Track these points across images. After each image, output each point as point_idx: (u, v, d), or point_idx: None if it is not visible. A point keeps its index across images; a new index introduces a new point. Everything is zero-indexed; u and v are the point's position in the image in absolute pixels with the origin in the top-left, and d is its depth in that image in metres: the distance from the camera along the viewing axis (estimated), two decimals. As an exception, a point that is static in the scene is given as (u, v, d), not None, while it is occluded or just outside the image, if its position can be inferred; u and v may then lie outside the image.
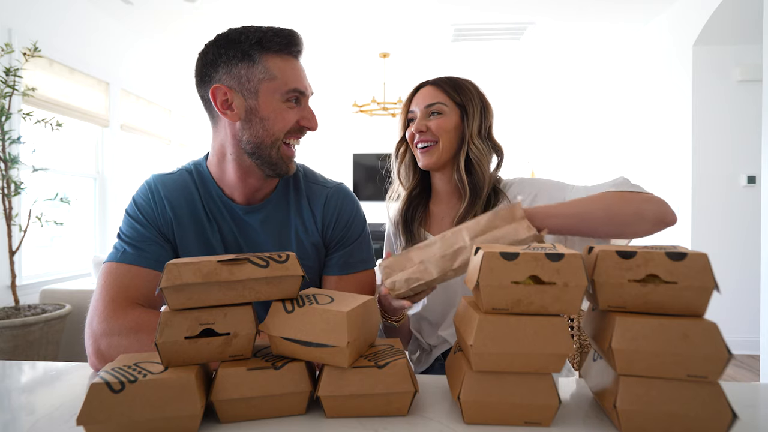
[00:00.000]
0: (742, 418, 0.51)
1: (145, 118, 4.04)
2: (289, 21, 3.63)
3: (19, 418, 0.56)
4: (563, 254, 0.50)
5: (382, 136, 6.43)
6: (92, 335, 0.72)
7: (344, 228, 0.89)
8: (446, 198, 1.05)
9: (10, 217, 2.38)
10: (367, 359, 0.56)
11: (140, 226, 0.81)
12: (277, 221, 0.87)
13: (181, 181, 0.85)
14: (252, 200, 0.86)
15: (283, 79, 0.78)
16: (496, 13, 3.53)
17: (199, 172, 0.87)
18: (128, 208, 0.85)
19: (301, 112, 0.81)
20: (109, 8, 3.41)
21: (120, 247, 0.80)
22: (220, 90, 0.77)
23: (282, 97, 0.78)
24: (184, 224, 0.83)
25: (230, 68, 0.77)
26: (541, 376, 0.52)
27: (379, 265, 0.80)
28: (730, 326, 2.98)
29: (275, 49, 0.78)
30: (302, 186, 0.90)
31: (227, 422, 0.53)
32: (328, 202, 0.89)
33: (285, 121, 0.79)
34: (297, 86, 0.79)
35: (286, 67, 0.79)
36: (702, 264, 0.49)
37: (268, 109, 0.78)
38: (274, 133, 0.79)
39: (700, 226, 3.12)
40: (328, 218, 0.88)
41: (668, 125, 3.40)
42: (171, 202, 0.83)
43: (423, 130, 1.00)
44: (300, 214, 0.88)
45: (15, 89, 2.37)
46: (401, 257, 0.76)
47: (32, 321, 2.21)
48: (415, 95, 1.05)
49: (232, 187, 0.84)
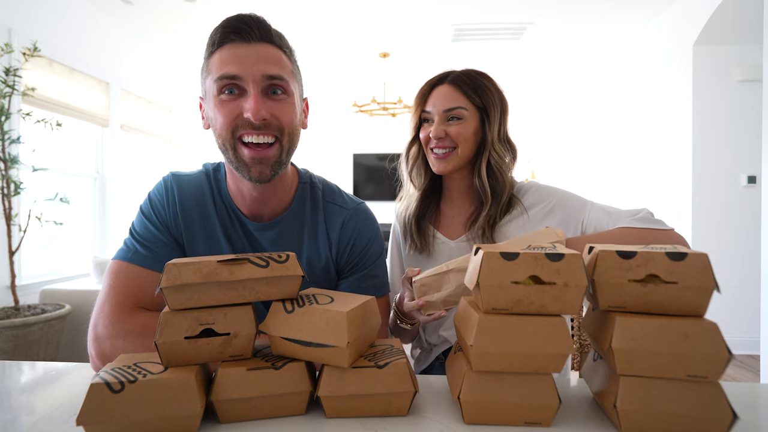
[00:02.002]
0: (742, 418, 0.51)
1: (145, 118, 4.03)
2: (289, 21, 3.63)
3: (19, 418, 0.56)
4: (563, 254, 0.50)
5: (382, 136, 6.43)
6: (96, 338, 0.70)
7: (360, 254, 0.84)
8: (458, 198, 1.03)
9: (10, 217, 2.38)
10: (367, 359, 0.56)
11: (152, 226, 0.78)
12: (289, 243, 0.81)
13: (197, 185, 0.81)
14: (260, 216, 0.81)
15: (214, 71, 0.70)
16: (496, 13, 3.53)
17: (217, 178, 0.82)
18: (143, 204, 0.81)
19: (241, 102, 0.69)
20: (109, 8, 3.41)
21: (131, 246, 0.77)
22: (200, 102, 0.77)
23: (215, 90, 0.70)
24: (193, 231, 0.79)
25: (202, 79, 0.75)
26: (541, 376, 0.52)
27: (413, 281, 0.79)
28: (730, 326, 2.97)
29: (222, 44, 0.70)
30: (320, 205, 0.84)
31: (227, 422, 0.53)
32: (345, 225, 0.83)
33: (222, 117, 0.70)
34: (224, 71, 0.68)
35: (223, 57, 0.69)
36: (702, 264, 0.49)
37: (210, 108, 0.72)
38: (221, 133, 0.71)
39: (700, 226, 3.12)
40: (344, 243, 0.83)
41: (668, 125, 3.40)
42: (183, 207, 0.79)
43: (442, 136, 0.94)
44: (314, 236, 0.83)
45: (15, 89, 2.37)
46: (439, 278, 0.77)
47: (32, 321, 2.21)
48: (431, 94, 0.98)
49: (235, 198, 0.80)
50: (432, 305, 0.78)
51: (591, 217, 0.90)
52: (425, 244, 1.00)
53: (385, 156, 6.33)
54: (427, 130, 0.97)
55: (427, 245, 1.00)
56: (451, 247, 1.00)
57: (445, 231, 1.03)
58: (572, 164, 5.25)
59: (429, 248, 1.00)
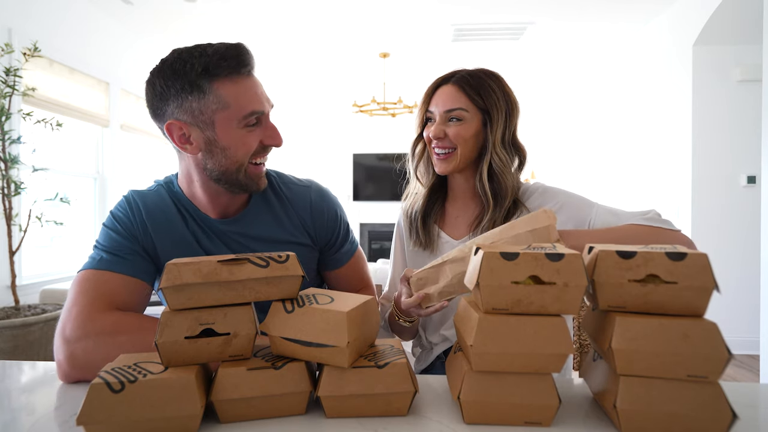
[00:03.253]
0: (742, 418, 0.51)
1: (145, 118, 4.03)
2: (289, 21, 3.63)
3: (19, 418, 0.56)
4: (563, 254, 0.50)
5: (382, 136, 6.43)
6: (65, 342, 0.67)
7: (334, 225, 0.93)
8: (462, 199, 1.03)
9: (10, 217, 2.37)
10: (367, 359, 0.56)
11: (118, 235, 0.79)
12: (260, 228, 0.87)
13: (158, 197, 0.84)
14: (226, 214, 0.86)
15: (237, 106, 0.74)
16: (496, 13, 3.53)
17: (172, 190, 0.86)
18: (106, 221, 0.83)
19: (263, 132, 0.79)
20: (109, 8, 3.41)
21: (96, 255, 0.77)
22: (175, 126, 0.75)
23: (239, 123, 0.75)
24: (164, 238, 0.81)
25: (181, 102, 0.73)
26: (541, 376, 0.52)
27: (411, 278, 0.81)
28: (730, 326, 2.97)
29: (224, 74, 0.73)
30: (281, 189, 0.90)
31: (227, 422, 0.53)
32: (313, 204, 0.91)
33: (247, 146, 0.77)
34: (254, 108, 0.75)
35: (239, 91, 0.74)
36: (702, 264, 0.49)
37: (228, 139, 0.75)
38: (238, 159, 0.77)
39: (700, 226, 3.12)
40: (318, 220, 0.91)
41: (668, 125, 3.40)
42: (151, 217, 0.82)
43: (441, 136, 0.94)
44: (283, 218, 0.89)
45: (15, 89, 2.37)
46: (434, 270, 0.78)
47: (32, 321, 2.21)
48: (435, 94, 0.98)
49: (204, 206, 0.84)
50: (430, 298, 0.78)
51: (597, 219, 0.90)
52: (429, 241, 1.01)
53: (385, 156, 6.33)
54: (429, 130, 0.97)
55: (431, 243, 1.01)
56: (454, 246, 1.00)
57: (449, 230, 1.03)
58: (572, 164, 5.25)
59: (433, 245, 1.01)
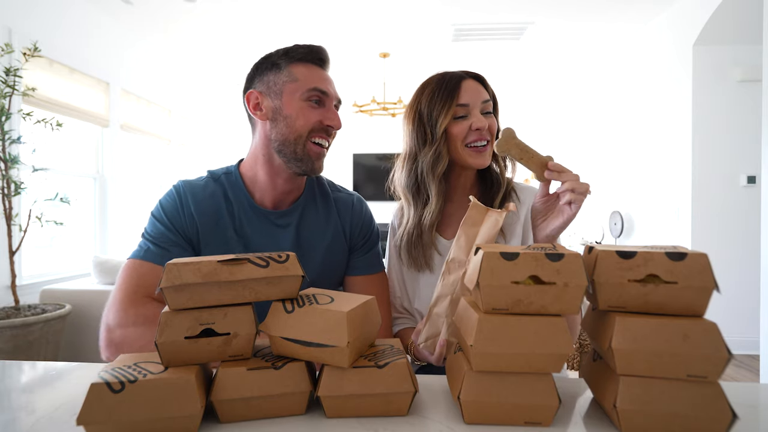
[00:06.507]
0: (742, 418, 0.51)
1: (145, 118, 4.03)
2: (289, 21, 3.63)
3: (19, 418, 0.56)
4: (563, 254, 0.50)
5: (382, 136, 6.43)
6: (107, 328, 0.76)
7: (368, 233, 1.00)
8: (459, 196, 1.03)
9: (10, 217, 2.38)
10: (367, 359, 0.56)
11: (165, 228, 0.85)
12: (309, 224, 0.94)
13: (208, 190, 0.90)
14: (281, 205, 0.92)
15: (303, 81, 0.86)
16: (496, 13, 3.52)
17: (230, 179, 0.92)
18: (154, 210, 0.89)
19: (325, 113, 0.87)
20: (109, 8, 3.41)
21: (144, 245, 0.84)
22: (252, 95, 0.89)
23: (303, 95, 0.85)
24: (209, 233, 0.87)
25: (262, 77, 0.88)
26: (541, 376, 0.52)
27: (419, 345, 0.82)
28: (730, 326, 2.98)
29: (298, 58, 0.87)
30: (329, 193, 0.99)
31: (227, 422, 0.53)
32: (354, 208, 0.99)
33: (306, 118, 0.86)
34: (317, 86, 0.86)
35: (308, 72, 0.87)
36: (702, 264, 0.49)
37: (291, 108, 0.86)
38: (297, 129, 0.85)
39: (700, 226, 3.12)
40: (357, 224, 0.98)
41: (668, 125, 3.40)
42: (199, 210, 0.87)
43: (485, 127, 0.93)
44: (329, 218, 0.96)
45: (15, 89, 2.37)
46: (430, 323, 0.80)
47: (32, 321, 2.20)
48: (461, 87, 0.93)
49: (263, 190, 0.91)
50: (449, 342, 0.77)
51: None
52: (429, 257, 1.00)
53: (385, 156, 6.33)
54: (463, 125, 0.92)
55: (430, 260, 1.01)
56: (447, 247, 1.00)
57: (445, 232, 1.02)
58: (572, 164, 5.25)
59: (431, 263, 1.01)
